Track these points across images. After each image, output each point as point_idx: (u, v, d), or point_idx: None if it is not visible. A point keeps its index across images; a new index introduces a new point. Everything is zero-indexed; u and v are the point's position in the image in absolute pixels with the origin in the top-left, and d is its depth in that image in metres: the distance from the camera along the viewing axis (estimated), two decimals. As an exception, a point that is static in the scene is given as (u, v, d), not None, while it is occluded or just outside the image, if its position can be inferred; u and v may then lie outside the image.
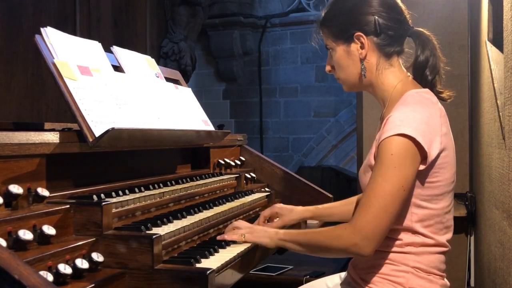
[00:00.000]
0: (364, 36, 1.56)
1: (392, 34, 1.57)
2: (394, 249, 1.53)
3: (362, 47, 1.57)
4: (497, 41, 2.60)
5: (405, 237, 1.53)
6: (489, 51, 2.72)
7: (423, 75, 1.58)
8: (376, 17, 1.55)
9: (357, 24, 1.57)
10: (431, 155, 1.44)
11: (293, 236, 1.61)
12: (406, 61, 1.64)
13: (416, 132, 1.41)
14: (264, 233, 1.66)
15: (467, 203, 3.69)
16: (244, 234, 1.67)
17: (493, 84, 2.53)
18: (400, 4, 1.62)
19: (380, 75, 1.60)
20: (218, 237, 1.72)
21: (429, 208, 1.51)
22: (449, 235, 1.60)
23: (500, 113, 2.28)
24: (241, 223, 1.75)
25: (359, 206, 1.45)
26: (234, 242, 1.78)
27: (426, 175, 1.47)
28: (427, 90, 1.58)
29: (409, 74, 1.63)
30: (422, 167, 1.44)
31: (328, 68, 1.69)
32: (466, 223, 3.73)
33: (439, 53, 1.60)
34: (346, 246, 1.44)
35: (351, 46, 1.59)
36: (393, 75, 1.60)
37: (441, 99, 1.62)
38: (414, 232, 1.52)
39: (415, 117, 1.45)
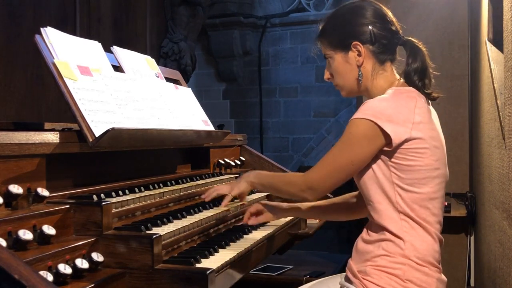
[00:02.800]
0: (361, 45, 1.69)
1: (385, 43, 1.70)
2: (387, 236, 1.59)
3: (359, 55, 1.70)
4: (497, 41, 2.60)
5: (394, 221, 1.59)
6: (489, 51, 2.72)
7: (412, 79, 1.68)
8: (371, 27, 1.68)
9: (354, 34, 1.70)
10: (395, 139, 1.55)
11: (260, 178, 1.85)
12: (398, 68, 1.75)
13: (377, 117, 1.55)
14: (240, 182, 1.88)
15: (467, 203, 3.69)
16: (229, 192, 1.89)
17: (493, 84, 2.53)
18: (391, 15, 1.74)
19: (374, 80, 1.72)
20: (203, 196, 1.92)
21: (413, 192, 1.59)
22: (439, 226, 1.65)
23: (500, 113, 2.28)
24: (220, 185, 1.99)
25: (317, 163, 1.66)
26: (233, 241, 1.78)
27: (398, 158, 1.57)
28: (410, 88, 1.67)
29: (401, 79, 1.73)
30: (387, 148, 1.57)
31: (327, 75, 1.81)
32: (466, 223, 3.74)
33: (428, 60, 1.71)
34: (296, 192, 1.70)
35: (348, 54, 1.72)
36: (385, 79, 1.72)
37: (431, 99, 1.71)
38: (401, 213, 1.59)
39: (381, 104, 1.58)
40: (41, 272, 1.18)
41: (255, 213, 2.00)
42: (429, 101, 1.72)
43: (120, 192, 1.67)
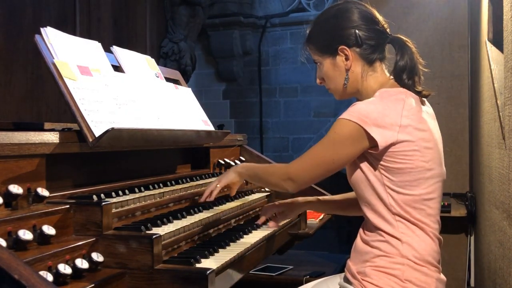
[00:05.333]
0: (347, 49, 1.69)
1: (372, 44, 1.69)
2: (385, 237, 1.59)
3: (347, 59, 1.70)
4: (497, 41, 2.60)
5: (390, 223, 1.59)
6: (489, 51, 2.72)
7: (401, 78, 1.67)
8: (356, 30, 1.68)
9: (340, 38, 1.70)
10: (381, 141, 1.54)
11: (247, 168, 1.86)
12: (390, 66, 1.73)
13: (363, 120, 1.54)
14: (228, 173, 1.88)
15: (467, 203, 3.69)
16: (217, 184, 1.87)
17: (493, 84, 2.53)
18: (378, 15, 1.73)
19: (365, 81, 1.71)
20: (201, 200, 1.88)
21: (405, 194, 1.58)
22: (437, 226, 1.65)
23: (500, 113, 2.28)
24: (210, 183, 1.92)
25: (301, 155, 1.67)
26: (234, 241, 1.79)
27: (387, 161, 1.57)
28: (399, 89, 1.65)
29: (391, 77, 1.71)
30: (373, 151, 1.57)
31: (318, 80, 1.81)
32: (466, 223, 3.74)
33: (417, 57, 1.70)
34: (277, 181, 1.70)
35: (336, 58, 1.71)
36: (375, 80, 1.71)
37: (423, 97, 1.70)
38: (395, 215, 1.59)
39: (368, 107, 1.58)
40: (41, 272, 1.18)
41: (271, 215, 2.02)
42: (425, 100, 1.71)
43: (120, 192, 1.67)
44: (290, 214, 2.05)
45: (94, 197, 1.55)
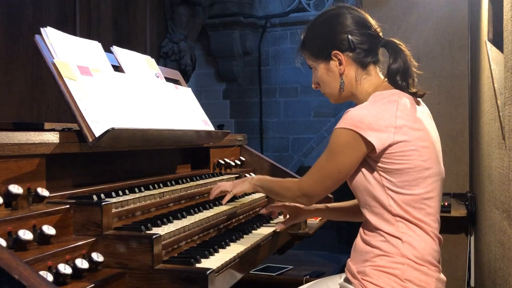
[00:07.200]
0: (340, 54, 1.71)
1: (365, 48, 1.71)
2: (385, 237, 1.59)
3: (340, 63, 1.71)
4: (497, 41, 2.60)
5: (390, 223, 1.60)
6: (489, 51, 2.72)
7: (395, 80, 1.68)
8: (349, 35, 1.69)
9: (332, 43, 1.71)
10: (378, 144, 1.55)
11: (262, 182, 1.95)
12: (385, 69, 1.74)
13: (358, 126, 1.56)
14: (243, 182, 1.98)
15: (467, 203, 3.69)
16: (231, 190, 1.98)
17: (493, 84, 2.53)
18: (370, 19, 1.75)
19: (359, 85, 1.73)
20: (211, 197, 2.01)
21: (405, 194, 1.59)
22: (437, 225, 1.66)
23: (500, 113, 2.28)
24: (223, 183, 2.05)
25: (309, 170, 1.74)
26: (234, 241, 1.78)
27: (385, 162, 1.58)
28: (393, 91, 1.67)
29: (385, 80, 1.73)
30: (373, 154, 1.58)
31: (314, 85, 1.84)
32: (466, 223, 3.74)
33: (410, 59, 1.71)
34: (292, 197, 1.79)
35: (330, 63, 1.73)
36: (369, 83, 1.73)
37: (419, 97, 1.71)
38: (396, 216, 1.59)
39: (361, 113, 1.59)
40: (41, 272, 1.18)
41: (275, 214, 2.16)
42: (420, 101, 1.72)
43: (120, 192, 1.67)
44: (297, 218, 2.10)
45: (94, 197, 1.55)
